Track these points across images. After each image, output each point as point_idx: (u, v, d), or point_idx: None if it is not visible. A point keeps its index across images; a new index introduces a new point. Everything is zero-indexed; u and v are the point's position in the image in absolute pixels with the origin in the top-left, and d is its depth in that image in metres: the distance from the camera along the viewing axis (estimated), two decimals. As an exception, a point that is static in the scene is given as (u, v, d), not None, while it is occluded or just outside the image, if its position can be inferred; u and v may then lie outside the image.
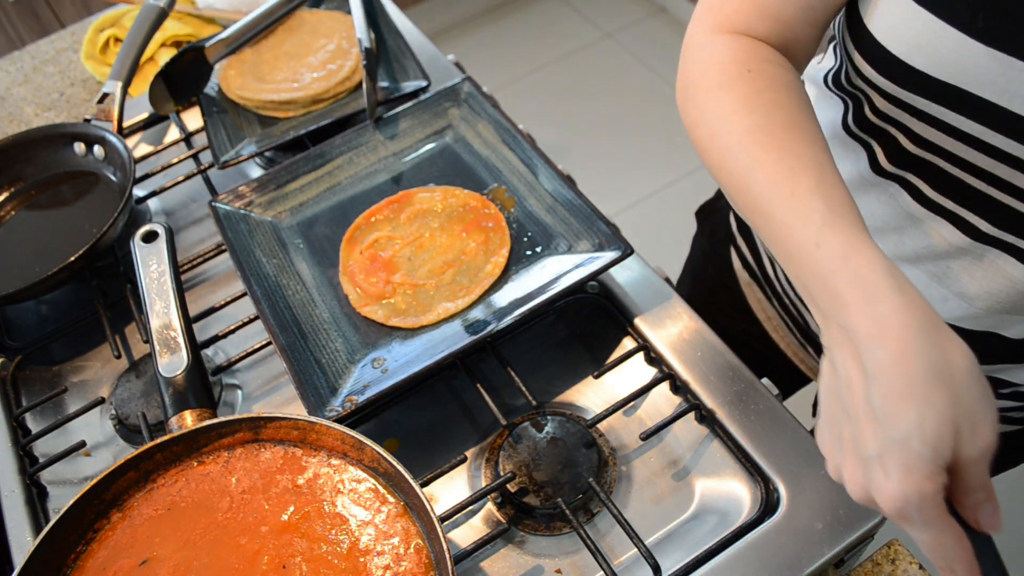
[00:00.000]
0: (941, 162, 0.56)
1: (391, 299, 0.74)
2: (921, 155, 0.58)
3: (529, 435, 0.68)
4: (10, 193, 0.91)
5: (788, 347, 0.90)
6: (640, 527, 0.63)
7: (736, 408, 0.66)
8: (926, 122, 0.54)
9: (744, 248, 0.88)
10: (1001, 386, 0.70)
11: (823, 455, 0.46)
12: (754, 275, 0.88)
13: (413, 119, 0.88)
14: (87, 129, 0.91)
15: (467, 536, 0.65)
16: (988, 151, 0.52)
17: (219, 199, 0.82)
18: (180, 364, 0.65)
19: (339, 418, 0.65)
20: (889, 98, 0.56)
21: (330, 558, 0.55)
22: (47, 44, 1.22)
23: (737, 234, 0.90)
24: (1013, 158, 0.51)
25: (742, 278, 0.91)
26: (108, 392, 0.78)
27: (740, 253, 0.90)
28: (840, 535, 0.59)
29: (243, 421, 0.60)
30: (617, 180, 2.34)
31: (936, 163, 0.57)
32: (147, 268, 0.70)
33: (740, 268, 0.90)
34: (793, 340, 0.88)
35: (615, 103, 2.55)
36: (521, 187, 0.81)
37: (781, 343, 0.91)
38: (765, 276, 0.86)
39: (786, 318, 0.86)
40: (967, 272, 0.59)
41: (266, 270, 0.77)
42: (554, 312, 0.77)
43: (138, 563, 0.56)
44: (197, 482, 0.59)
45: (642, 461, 0.67)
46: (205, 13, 1.14)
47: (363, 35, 0.92)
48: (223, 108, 0.95)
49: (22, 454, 0.74)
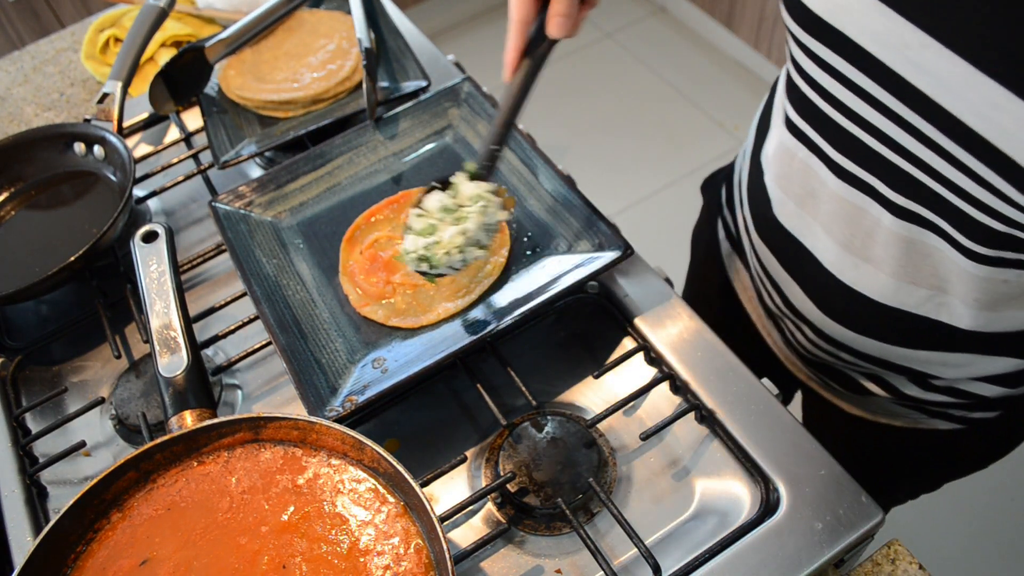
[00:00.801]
0: (848, 123, 0.58)
1: (391, 299, 0.74)
2: (831, 115, 0.59)
3: (529, 435, 0.68)
4: (10, 193, 0.91)
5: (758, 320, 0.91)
6: (640, 527, 0.63)
7: (736, 408, 0.66)
8: (839, 80, 0.56)
9: (728, 218, 0.90)
10: (933, 379, 0.72)
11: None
12: (734, 245, 0.89)
13: (413, 119, 0.88)
14: (87, 129, 0.91)
15: (467, 536, 0.65)
16: (886, 113, 0.54)
17: (219, 199, 0.82)
18: (180, 364, 0.65)
19: (339, 418, 0.65)
20: (807, 52, 0.58)
21: (330, 558, 0.55)
22: (47, 44, 1.22)
23: (724, 204, 0.91)
24: (904, 121, 0.53)
25: (724, 249, 0.92)
26: (108, 392, 0.78)
27: (724, 223, 0.91)
28: (840, 535, 0.59)
29: (243, 421, 0.60)
30: (617, 180, 2.34)
31: (843, 125, 0.59)
32: (147, 268, 0.70)
33: (724, 239, 0.92)
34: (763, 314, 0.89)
35: (615, 103, 2.55)
36: (521, 187, 0.81)
37: (753, 315, 0.92)
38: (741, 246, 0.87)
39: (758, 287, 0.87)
40: (871, 237, 0.62)
41: (266, 270, 0.77)
42: (554, 312, 0.77)
43: (138, 563, 0.56)
44: (197, 482, 0.59)
45: (642, 461, 0.67)
46: (205, 13, 1.14)
47: (363, 35, 0.92)
48: (223, 108, 0.95)
49: (22, 454, 0.74)
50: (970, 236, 0.56)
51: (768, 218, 0.73)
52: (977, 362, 0.68)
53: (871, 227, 0.62)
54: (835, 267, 0.67)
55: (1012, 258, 0.56)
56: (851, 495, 0.61)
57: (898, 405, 0.78)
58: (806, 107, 0.62)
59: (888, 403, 0.79)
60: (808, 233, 0.69)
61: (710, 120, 2.45)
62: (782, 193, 0.70)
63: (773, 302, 0.79)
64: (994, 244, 0.55)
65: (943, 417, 0.76)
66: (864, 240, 0.63)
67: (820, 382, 0.85)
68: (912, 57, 0.50)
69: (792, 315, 0.76)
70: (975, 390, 0.71)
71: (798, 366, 0.87)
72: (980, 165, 0.51)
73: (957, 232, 0.57)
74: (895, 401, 0.77)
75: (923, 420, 0.78)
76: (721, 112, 2.47)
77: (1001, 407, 0.74)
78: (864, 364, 0.74)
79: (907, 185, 0.57)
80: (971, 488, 1.65)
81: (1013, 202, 0.51)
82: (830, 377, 0.81)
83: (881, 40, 0.52)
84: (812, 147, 0.64)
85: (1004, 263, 0.57)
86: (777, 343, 0.88)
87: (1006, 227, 0.53)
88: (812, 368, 0.83)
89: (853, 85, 0.56)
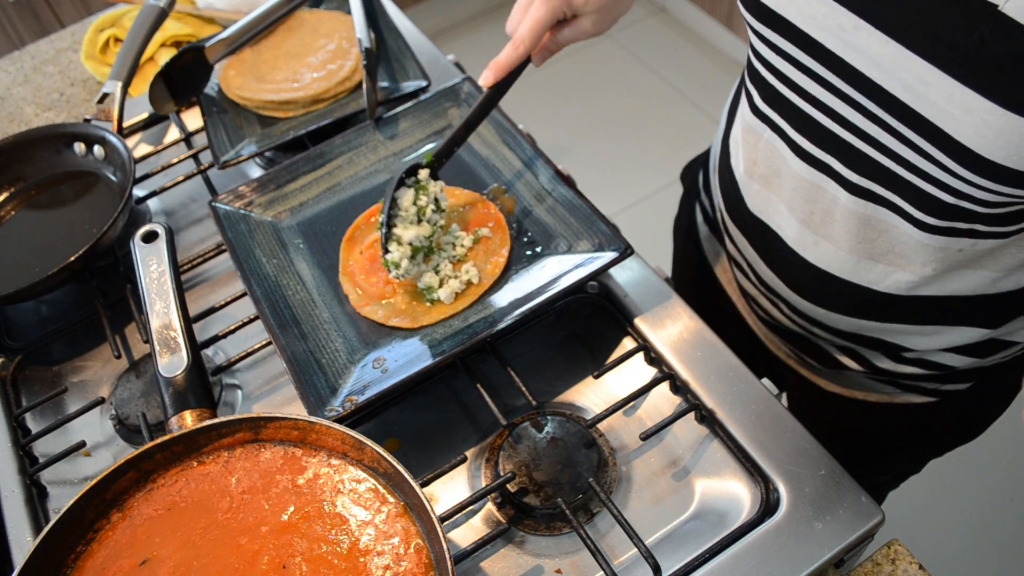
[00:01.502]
0: (806, 106, 0.61)
1: (391, 299, 0.74)
2: (791, 98, 0.62)
3: (529, 435, 0.68)
4: (10, 193, 0.91)
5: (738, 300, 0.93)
6: (640, 527, 0.63)
7: (736, 408, 0.66)
8: (792, 64, 0.60)
9: (705, 202, 0.91)
10: (904, 351, 0.73)
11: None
12: (712, 228, 0.91)
13: (413, 119, 0.88)
14: (87, 129, 0.91)
15: (467, 536, 0.65)
16: (835, 92, 0.58)
17: (219, 199, 0.82)
18: (180, 364, 0.65)
19: (339, 418, 0.65)
20: (763, 40, 0.62)
21: (330, 558, 0.55)
22: (47, 44, 1.22)
23: (701, 189, 0.93)
24: (851, 100, 0.57)
25: (703, 233, 0.94)
26: (108, 392, 0.78)
27: (702, 207, 0.92)
28: (840, 535, 0.59)
29: (243, 421, 0.60)
30: (617, 180, 2.34)
31: (802, 107, 0.62)
32: (147, 268, 0.70)
33: (702, 222, 0.94)
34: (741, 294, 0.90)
35: (615, 103, 2.55)
36: (521, 187, 0.81)
37: (733, 296, 0.93)
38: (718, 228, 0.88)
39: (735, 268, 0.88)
40: (830, 215, 0.65)
41: (266, 270, 0.77)
42: (554, 312, 0.77)
43: (138, 563, 0.56)
44: (197, 482, 0.59)
45: (642, 461, 0.67)
46: (205, 13, 1.14)
47: (363, 35, 0.92)
48: (223, 108, 0.95)
49: (22, 454, 0.74)
50: (922, 209, 0.59)
51: (737, 199, 0.76)
52: (944, 332, 0.70)
53: (829, 205, 0.64)
54: (798, 245, 0.70)
55: (964, 228, 0.59)
56: (851, 495, 0.61)
57: (872, 379, 0.80)
58: (766, 90, 0.65)
59: (862, 377, 0.80)
60: (773, 213, 0.71)
61: (710, 120, 2.45)
62: (747, 175, 0.73)
63: (749, 281, 0.81)
64: (945, 216, 0.58)
65: (916, 391, 0.78)
66: (823, 218, 0.66)
67: (797, 359, 0.86)
68: (848, 39, 0.54)
69: (767, 293, 0.78)
70: (945, 361, 0.73)
71: (776, 344, 0.89)
72: (920, 139, 0.54)
73: (910, 206, 0.59)
74: (869, 375, 0.79)
75: (898, 395, 0.80)
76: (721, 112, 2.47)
77: (972, 379, 0.76)
78: (837, 339, 0.76)
79: (861, 162, 0.60)
80: (971, 488, 1.65)
81: (957, 174, 0.53)
82: (807, 353, 0.83)
83: (820, 24, 0.55)
84: (774, 128, 0.66)
85: (956, 233, 0.59)
86: (756, 322, 0.90)
87: (955, 199, 0.56)
88: (789, 345, 0.85)
89: (804, 68, 0.59)
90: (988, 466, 1.65)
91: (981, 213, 0.56)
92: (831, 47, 0.55)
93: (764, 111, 0.67)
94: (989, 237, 0.60)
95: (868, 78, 0.54)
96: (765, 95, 0.66)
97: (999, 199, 0.54)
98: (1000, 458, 1.66)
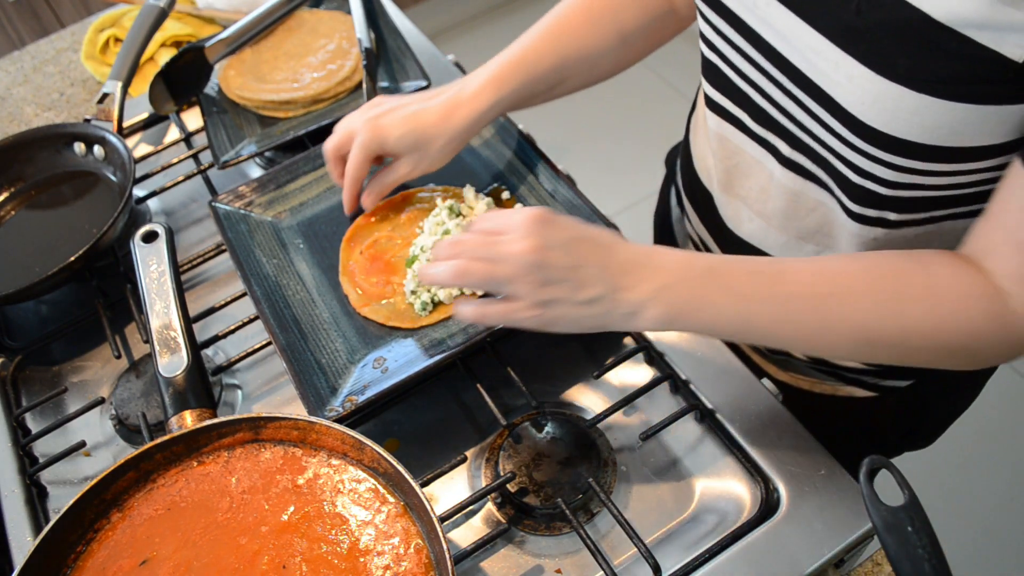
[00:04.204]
0: (750, 90, 0.63)
1: (391, 299, 0.74)
2: (728, 74, 0.65)
3: (529, 435, 0.68)
4: (10, 193, 0.91)
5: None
6: (640, 527, 0.63)
7: (736, 408, 0.66)
8: (725, 41, 0.63)
9: (679, 184, 0.92)
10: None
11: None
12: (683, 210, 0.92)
13: (413, 119, 0.88)
14: (87, 129, 0.91)
15: (467, 536, 0.65)
16: (762, 72, 0.60)
17: (219, 199, 0.82)
18: (180, 364, 0.65)
19: (339, 418, 0.65)
20: (703, 18, 0.65)
21: (330, 558, 0.55)
22: (47, 44, 1.22)
23: (677, 172, 0.93)
24: (774, 79, 0.59)
25: (675, 215, 0.95)
26: (108, 392, 0.78)
27: (676, 190, 0.94)
28: (840, 535, 0.59)
29: (243, 421, 0.60)
30: (617, 180, 2.34)
31: (738, 84, 0.64)
32: (147, 268, 0.70)
33: (675, 205, 0.95)
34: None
35: (615, 103, 2.55)
36: (521, 187, 0.81)
37: None
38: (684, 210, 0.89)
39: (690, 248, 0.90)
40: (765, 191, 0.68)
41: (266, 270, 0.77)
42: (554, 312, 0.77)
43: (138, 563, 0.56)
44: (197, 482, 0.59)
45: (642, 461, 0.67)
46: (205, 13, 1.14)
47: (363, 35, 0.92)
48: (223, 108, 0.95)
49: (22, 454, 0.74)
50: (841, 188, 0.60)
51: (693, 178, 0.79)
52: None
53: (766, 182, 0.67)
54: (732, 222, 0.72)
55: (874, 215, 0.60)
56: (851, 495, 0.61)
57: (816, 370, 0.80)
58: (709, 68, 0.68)
59: (806, 367, 0.81)
60: (719, 190, 0.73)
61: (710, 120, 2.45)
62: (699, 155, 0.75)
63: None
64: (858, 199, 0.60)
65: (857, 384, 0.79)
66: (759, 194, 0.69)
67: (749, 344, 0.86)
68: (761, 15, 0.57)
69: None
70: None
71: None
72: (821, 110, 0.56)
73: (832, 182, 0.61)
74: (811, 364, 0.80)
75: (841, 387, 0.80)
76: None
77: (912, 376, 0.76)
78: None
79: (789, 137, 0.62)
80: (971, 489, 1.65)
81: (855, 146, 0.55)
82: None
83: (741, 1, 0.59)
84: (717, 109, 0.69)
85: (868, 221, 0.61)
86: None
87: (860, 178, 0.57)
88: None
89: (733, 44, 0.62)
90: (989, 467, 1.65)
91: (886, 196, 0.58)
92: (750, 23, 0.59)
93: (709, 93, 0.69)
94: (900, 226, 0.60)
95: (778, 52, 0.58)
96: (708, 73, 0.68)
97: (896, 177, 0.55)
98: (1002, 459, 1.67)
